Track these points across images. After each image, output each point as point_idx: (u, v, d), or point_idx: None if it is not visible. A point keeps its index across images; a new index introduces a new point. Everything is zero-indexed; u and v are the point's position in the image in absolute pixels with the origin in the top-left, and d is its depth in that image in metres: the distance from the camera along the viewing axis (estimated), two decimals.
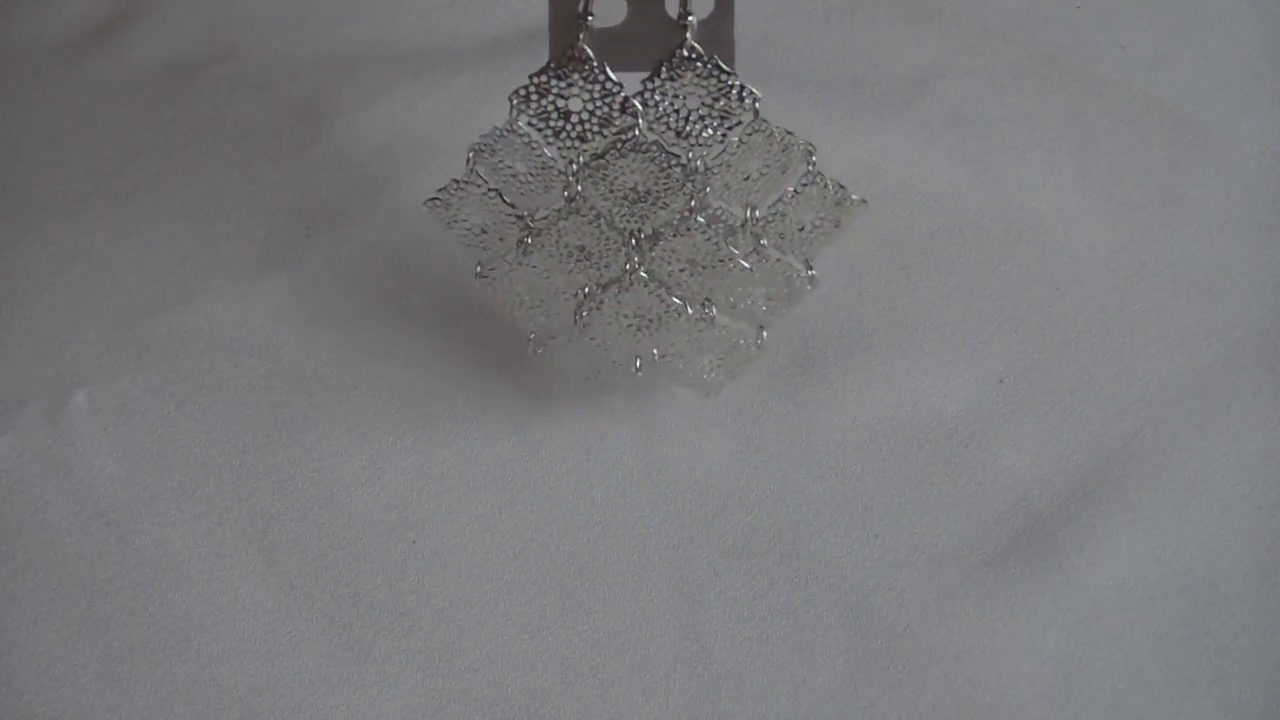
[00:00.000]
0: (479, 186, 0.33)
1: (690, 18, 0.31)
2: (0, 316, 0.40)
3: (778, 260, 0.34)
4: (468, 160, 0.33)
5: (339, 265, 0.41)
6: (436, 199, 0.34)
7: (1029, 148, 0.44)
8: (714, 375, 0.36)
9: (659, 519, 0.36)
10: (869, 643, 0.34)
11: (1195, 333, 0.39)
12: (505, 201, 0.33)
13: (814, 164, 0.33)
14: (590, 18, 0.31)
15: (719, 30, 0.32)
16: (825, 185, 0.34)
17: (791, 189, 0.34)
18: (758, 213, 0.34)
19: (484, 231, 0.34)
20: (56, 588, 0.35)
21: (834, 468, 0.37)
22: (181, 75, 0.46)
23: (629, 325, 0.34)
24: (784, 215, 0.34)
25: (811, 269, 0.35)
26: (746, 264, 0.33)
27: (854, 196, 0.34)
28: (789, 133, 0.33)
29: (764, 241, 0.34)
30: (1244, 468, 0.36)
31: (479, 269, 0.34)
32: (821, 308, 0.40)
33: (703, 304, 0.34)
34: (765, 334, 0.36)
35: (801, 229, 0.34)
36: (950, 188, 0.43)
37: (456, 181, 0.33)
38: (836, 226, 0.35)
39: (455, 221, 0.34)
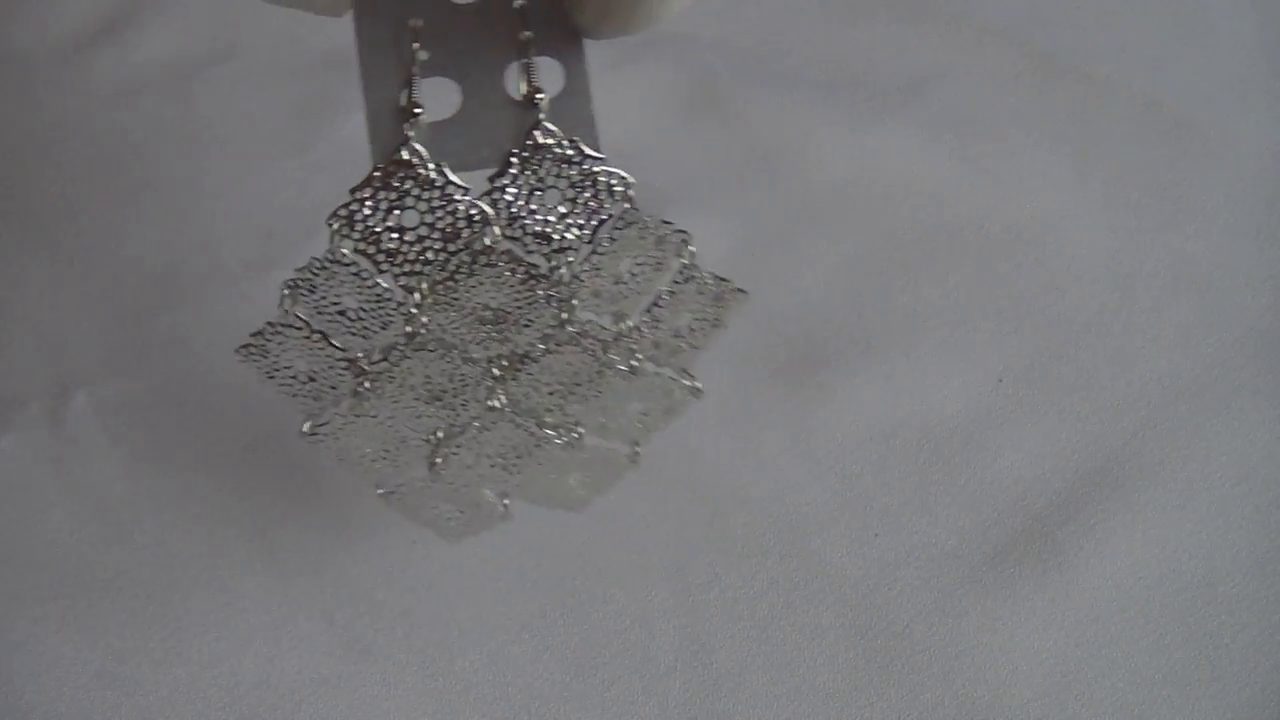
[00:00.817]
0: (299, 330, 0.27)
1: (541, 95, 0.25)
2: (0, 316, 0.40)
3: (655, 374, 0.29)
4: (281, 301, 0.26)
5: None
6: (250, 346, 0.27)
7: (1029, 148, 0.44)
8: (581, 492, 0.32)
9: (659, 519, 0.36)
10: (869, 642, 0.34)
11: (1195, 332, 0.39)
12: (334, 345, 0.27)
13: (692, 255, 0.27)
14: (418, 111, 0.25)
15: (575, 107, 0.26)
16: (704, 280, 0.28)
17: (666, 290, 0.28)
18: (629, 322, 0.28)
19: (312, 379, 0.28)
20: (56, 588, 0.35)
21: (834, 468, 0.37)
22: (181, 75, 0.46)
23: (493, 465, 0.29)
24: (659, 322, 0.28)
25: (694, 379, 0.29)
26: (625, 367, 0.28)
27: (735, 287, 0.28)
28: (665, 222, 0.27)
29: (639, 355, 0.29)
30: (1244, 468, 0.36)
31: (306, 427, 0.28)
32: (821, 308, 0.40)
33: (570, 429, 0.30)
34: (640, 448, 0.31)
35: (677, 334, 0.29)
36: (950, 188, 0.43)
37: (272, 325, 0.27)
38: (715, 326, 0.29)
39: (276, 370, 0.28)
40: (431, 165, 0.25)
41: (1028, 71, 0.46)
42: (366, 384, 0.27)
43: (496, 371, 0.28)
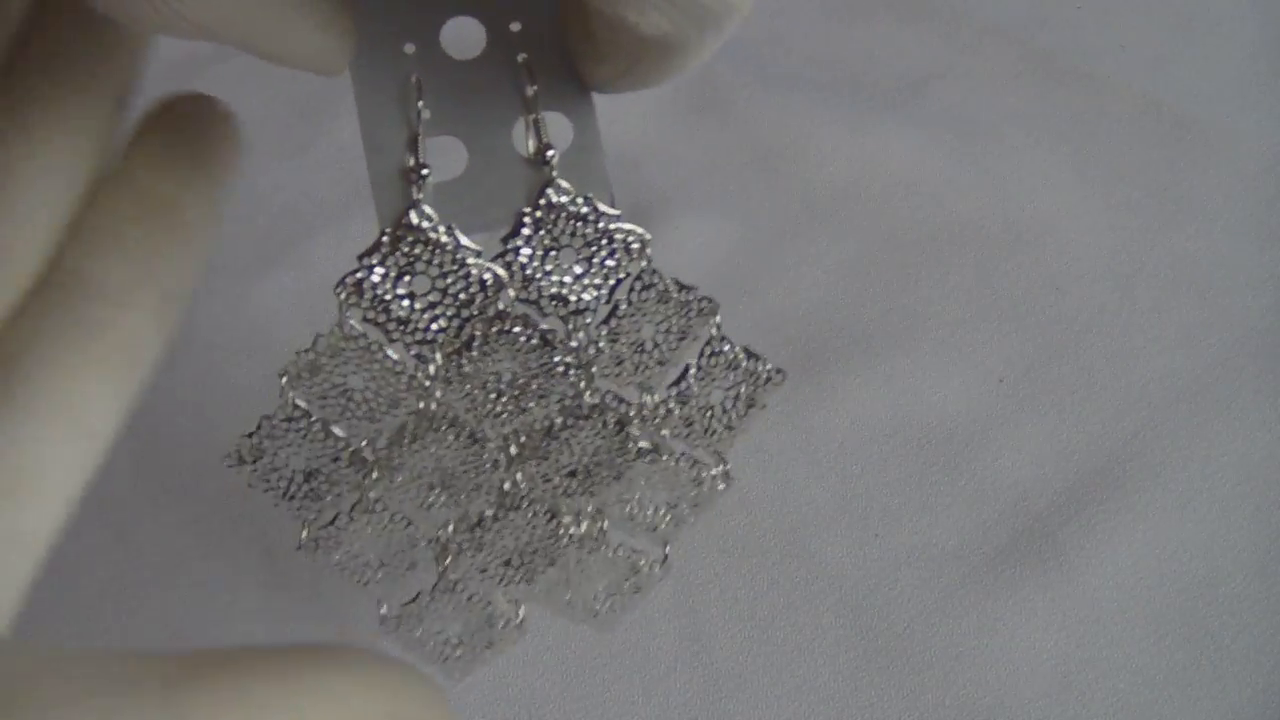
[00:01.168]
0: (299, 421, 0.25)
1: (551, 151, 0.24)
2: None
3: (683, 455, 0.27)
4: (281, 390, 0.25)
5: (339, 265, 0.41)
6: (239, 454, 0.26)
7: (1029, 148, 0.44)
8: (607, 606, 0.29)
9: None
10: (869, 643, 0.34)
11: (1195, 332, 0.39)
12: (337, 435, 0.25)
13: (719, 327, 0.26)
14: (425, 171, 0.24)
15: (587, 162, 0.25)
16: (735, 354, 0.26)
17: (695, 364, 0.26)
18: (655, 396, 0.26)
19: (309, 479, 0.26)
20: (56, 588, 0.34)
21: (834, 468, 0.37)
22: (181, 75, 0.46)
23: (507, 564, 0.27)
24: (688, 398, 0.26)
25: (726, 464, 0.28)
26: (648, 445, 0.26)
27: (769, 367, 0.26)
28: (686, 287, 0.25)
29: (665, 432, 0.27)
30: (1244, 468, 0.36)
31: (304, 536, 0.26)
32: (821, 308, 0.40)
33: (593, 518, 0.27)
34: (669, 551, 0.29)
35: (709, 413, 0.27)
36: (950, 188, 0.43)
37: (269, 419, 0.25)
38: (751, 407, 0.27)
39: (271, 472, 0.26)
40: (442, 228, 0.24)
41: (1028, 71, 0.46)
42: (373, 475, 0.26)
43: (513, 449, 0.26)
